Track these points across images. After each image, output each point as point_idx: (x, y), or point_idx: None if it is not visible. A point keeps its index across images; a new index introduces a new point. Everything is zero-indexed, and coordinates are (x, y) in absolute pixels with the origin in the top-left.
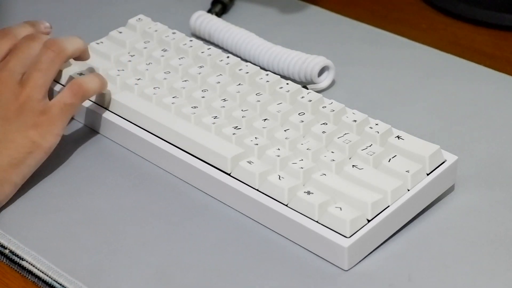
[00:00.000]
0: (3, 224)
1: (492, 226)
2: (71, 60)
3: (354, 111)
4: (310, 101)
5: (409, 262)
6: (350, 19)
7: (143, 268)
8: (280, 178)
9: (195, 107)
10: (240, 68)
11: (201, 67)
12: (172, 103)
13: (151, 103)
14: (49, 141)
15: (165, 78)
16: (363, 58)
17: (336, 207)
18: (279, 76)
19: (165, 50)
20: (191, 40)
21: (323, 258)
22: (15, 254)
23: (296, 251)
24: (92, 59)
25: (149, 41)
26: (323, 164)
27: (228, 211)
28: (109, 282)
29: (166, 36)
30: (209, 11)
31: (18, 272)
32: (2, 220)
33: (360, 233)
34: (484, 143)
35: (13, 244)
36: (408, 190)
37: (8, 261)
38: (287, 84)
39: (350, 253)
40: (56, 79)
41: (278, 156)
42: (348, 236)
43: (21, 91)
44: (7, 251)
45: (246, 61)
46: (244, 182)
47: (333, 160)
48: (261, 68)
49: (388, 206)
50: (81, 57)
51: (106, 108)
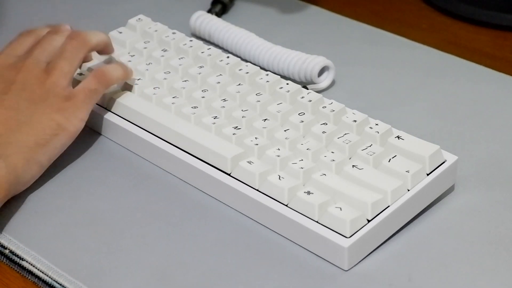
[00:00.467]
0: (3, 224)
1: (492, 226)
2: (95, 55)
3: (354, 111)
4: (310, 101)
5: (409, 262)
6: (350, 19)
7: (143, 268)
8: (280, 178)
9: (195, 107)
10: (240, 68)
11: (201, 67)
12: (172, 103)
13: (151, 103)
14: (75, 125)
15: (165, 78)
16: (363, 58)
17: (336, 207)
18: (279, 76)
19: (165, 50)
20: (191, 40)
21: (323, 258)
22: (15, 254)
23: (296, 251)
24: (93, 60)
25: (149, 41)
26: (323, 164)
27: (228, 211)
28: (109, 282)
29: (166, 36)
30: (209, 11)
31: (18, 272)
32: (2, 220)
33: (360, 233)
34: (484, 143)
35: (13, 244)
36: (408, 190)
37: (8, 261)
38: (287, 84)
39: (350, 253)
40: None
41: (278, 156)
42: (348, 236)
43: (47, 78)
44: (7, 251)
45: (246, 61)
46: (244, 182)
47: (333, 160)
48: (261, 68)
49: (388, 206)
50: (105, 51)
51: (106, 108)
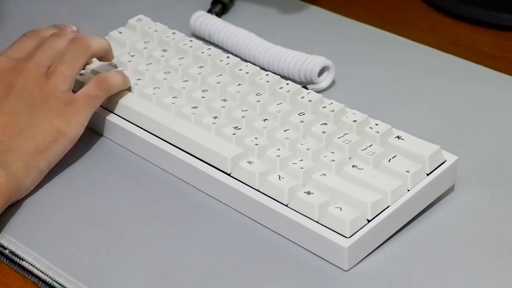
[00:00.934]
0: (3, 224)
1: (492, 226)
2: (95, 61)
3: (354, 111)
4: (310, 101)
5: (409, 262)
6: (350, 19)
7: (143, 268)
8: (280, 178)
9: (195, 107)
10: (240, 68)
11: (201, 67)
12: (172, 103)
13: (151, 103)
14: (74, 130)
15: (165, 78)
16: (363, 58)
17: (336, 207)
18: (279, 76)
19: (165, 50)
20: (191, 40)
21: (323, 258)
22: (15, 254)
23: (296, 251)
24: (93, 60)
25: (149, 41)
26: (323, 164)
27: (228, 211)
28: (109, 282)
29: (166, 36)
30: (209, 11)
31: (18, 272)
32: (2, 220)
33: (360, 233)
34: (484, 143)
35: (13, 244)
36: (408, 190)
37: (8, 261)
38: (287, 84)
39: (350, 253)
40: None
41: (278, 156)
42: (348, 236)
43: (47, 82)
44: (7, 251)
45: (246, 61)
46: (244, 182)
47: (333, 160)
48: (261, 68)
49: (388, 206)
50: (105, 57)
51: (106, 109)
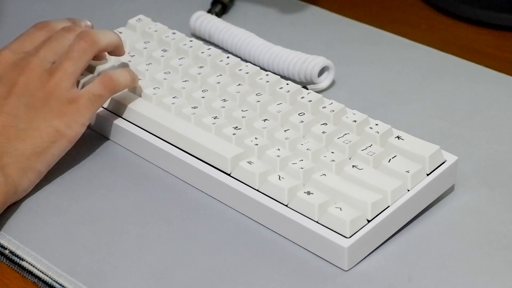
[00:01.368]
0: (3, 224)
1: (492, 226)
2: (107, 56)
3: (354, 111)
4: (310, 101)
5: (409, 262)
6: (350, 19)
7: (143, 268)
8: (280, 178)
9: (195, 107)
10: (240, 68)
11: (201, 67)
12: (172, 103)
13: (151, 103)
14: (74, 131)
15: (165, 78)
16: (363, 58)
17: (336, 207)
18: (279, 76)
19: (165, 50)
20: (191, 40)
21: (323, 258)
22: (15, 255)
23: (296, 251)
24: (106, 60)
25: (149, 41)
26: (323, 164)
27: (228, 211)
28: (109, 282)
29: (166, 36)
30: (209, 11)
31: (18, 273)
32: (2, 221)
33: (360, 233)
34: (484, 143)
35: (13, 245)
36: (408, 190)
37: (8, 262)
38: (287, 84)
39: (350, 253)
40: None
41: (278, 156)
42: (348, 236)
43: (50, 79)
44: (7, 252)
45: (246, 61)
46: (244, 182)
47: (333, 160)
48: (261, 68)
49: (388, 207)
50: (116, 52)
51: (106, 108)
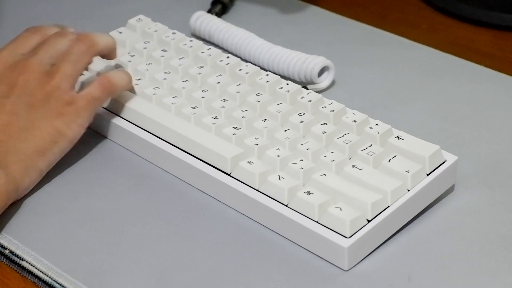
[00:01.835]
0: (3, 224)
1: (492, 226)
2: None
3: (354, 111)
4: (310, 101)
5: (409, 262)
6: (350, 19)
7: (143, 268)
8: (280, 178)
9: (195, 107)
10: (240, 68)
11: (201, 67)
12: (172, 103)
13: (151, 103)
14: (74, 131)
15: (165, 78)
16: (363, 58)
17: (336, 207)
18: (279, 76)
19: (165, 50)
20: (191, 40)
21: (323, 258)
22: (15, 254)
23: (296, 251)
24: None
25: (149, 41)
26: (323, 164)
27: (228, 211)
28: (109, 282)
29: (166, 36)
30: (209, 11)
31: (18, 272)
32: (2, 220)
33: (360, 233)
34: (484, 143)
35: (13, 244)
36: (408, 190)
37: (8, 261)
38: (287, 84)
39: (350, 253)
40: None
41: (278, 156)
42: (348, 236)
43: (49, 81)
44: (7, 251)
45: (246, 61)
46: (244, 182)
47: (333, 160)
48: (261, 68)
49: (388, 206)
50: (109, 56)
51: (105, 108)
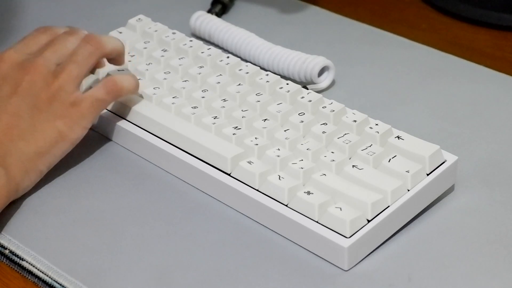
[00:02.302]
0: (3, 224)
1: (492, 226)
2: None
3: (354, 111)
4: (310, 101)
5: (409, 262)
6: (350, 19)
7: (143, 268)
8: (280, 178)
9: (195, 107)
10: (240, 68)
11: (201, 67)
12: (172, 103)
13: (151, 103)
14: (76, 133)
15: (165, 78)
16: (363, 58)
17: (336, 207)
18: (279, 76)
19: (165, 50)
20: (191, 40)
21: (323, 258)
22: (15, 254)
23: (296, 251)
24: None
25: (149, 41)
26: (323, 164)
27: (228, 211)
28: (109, 282)
29: (166, 36)
30: (209, 11)
31: (18, 272)
32: (2, 220)
33: (360, 233)
34: (484, 143)
35: (13, 244)
36: (408, 190)
37: (8, 261)
38: (287, 84)
39: (350, 253)
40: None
41: (278, 156)
42: (348, 236)
43: (54, 81)
44: (7, 251)
45: (246, 61)
46: (244, 182)
47: (333, 160)
48: (261, 68)
49: (388, 206)
50: (117, 60)
51: (106, 108)
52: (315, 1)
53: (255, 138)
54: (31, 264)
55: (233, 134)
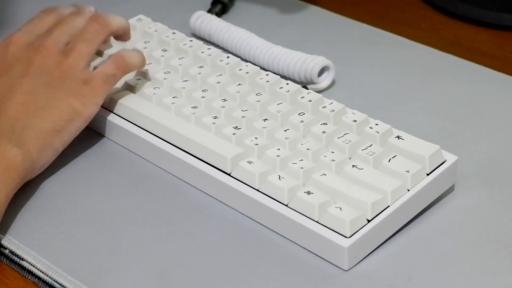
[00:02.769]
0: (3, 224)
1: (492, 226)
2: (112, 41)
3: (354, 111)
4: (310, 101)
5: (409, 262)
6: (350, 19)
7: (143, 268)
8: (280, 178)
9: (195, 107)
10: (240, 68)
11: (201, 67)
12: (172, 103)
13: (151, 103)
14: (90, 110)
15: (165, 78)
16: (363, 58)
17: (336, 207)
18: (279, 76)
19: (165, 50)
20: (191, 40)
21: (323, 258)
22: (15, 254)
23: (296, 251)
24: (112, 46)
25: (149, 41)
26: (323, 164)
27: (228, 211)
28: (109, 282)
29: (166, 36)
30: (209, 11)
31: (18, 272)
32: (2, 220)
33: (360, 233)
34: (484, 143)
35: (13, 244)
36: (408, 190)
37: (8, 261)
38: (287, 84)
39: (350, 253)
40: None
41: (278, 156)
42: (348, 236)
43: (65, 60)
44: (7, 251)
45: (246, 61)
46: (244, 182)
47: (333, 160)
48: (261, 68)
49: (388, 206)
50: (123, 37)
51: (106, 108)
52: (315, 1)
53: (255, 138)
54: (31, 264)
55: (233, 134)
